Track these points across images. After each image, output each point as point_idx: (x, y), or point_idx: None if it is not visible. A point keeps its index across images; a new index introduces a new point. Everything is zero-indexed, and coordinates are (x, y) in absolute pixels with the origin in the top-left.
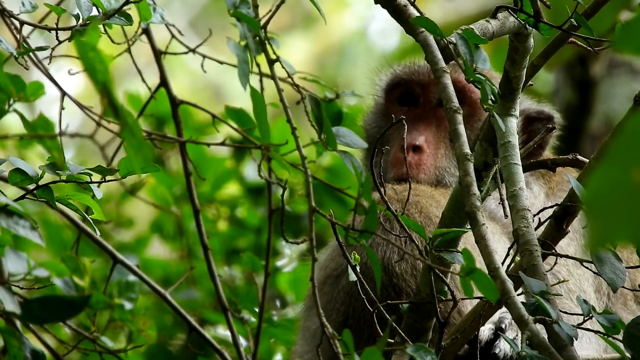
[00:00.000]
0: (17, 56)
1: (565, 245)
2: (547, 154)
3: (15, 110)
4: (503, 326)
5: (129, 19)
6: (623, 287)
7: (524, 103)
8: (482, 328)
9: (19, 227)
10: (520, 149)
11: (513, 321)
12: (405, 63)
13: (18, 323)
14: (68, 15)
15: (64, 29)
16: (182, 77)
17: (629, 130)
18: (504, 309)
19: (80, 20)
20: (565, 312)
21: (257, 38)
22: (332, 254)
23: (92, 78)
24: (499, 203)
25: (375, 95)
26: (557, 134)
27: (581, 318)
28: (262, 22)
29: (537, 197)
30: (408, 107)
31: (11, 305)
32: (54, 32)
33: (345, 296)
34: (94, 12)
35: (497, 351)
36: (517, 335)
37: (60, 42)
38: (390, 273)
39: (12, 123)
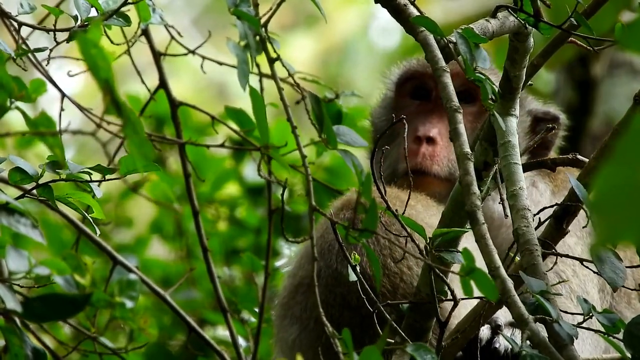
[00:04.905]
0: (15, 57)
1: (573, 244)
2: (553, 154)
3: (17, 108)
4: (500, 323)
5: (127, 20)
6: (625, 287)
7: (531, 104)
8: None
9: (20, 225)
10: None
11: (507, 321)
12: (418, 57)
13: (19, 322)
14: (67, 16)
15: (62, 30)
16: (185, 76)
17: (635, 129)
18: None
19: (79, 22)
20: (566, 312)
21: (258, 37)
22: (300, 262)
23: (95, 75)
24: (499, 202)
25: (386, 89)
26: (562, 135)
27: (582, 318)
28: (263, 21)
29: (543, 194)
30: (420, 100)
31: (12, 304)
32: (48, 32)
33: (321, 304)
34: (93, 13)
35: (497, 346)
36: (512, 331)
37: (58, 44)
38: (366, 276)
39: (14, 121)
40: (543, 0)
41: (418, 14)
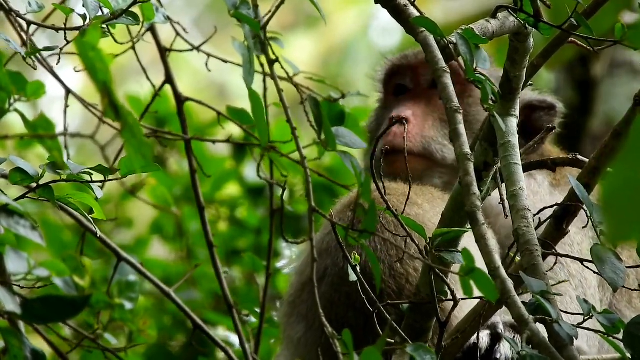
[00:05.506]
0: (25, 56)
1: (573, 233)
2: (548, 144)
3: (16, 110)
4: (499, 330)
5: (136, 18)
6: (625, 287)
7: (525, 93)
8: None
9: (20, 226)
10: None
11: (507, 325)
12: (396, 53)
13: (21, 322)
14: (71, 14)
15: (71, 29)
16: (186, 76)
17: (637, 131)
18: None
19: (88, 20)
20: (565, 312)
21: (257, 39)
22: (307, 259)
23: (93, 78)
24: (499, 203)
25: (376, 90)
26: (560, 122)
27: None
28: (262, 23)
29: (541, 185)
30: (403, 95)
31: (12, 305)
32: (58, 31)
33: (326, 303)
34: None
35: (498, 356)
36: (514, 336)
37: (68, 42)
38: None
39: (14, 123)
40: (543, 1)
41: (418, 14)
